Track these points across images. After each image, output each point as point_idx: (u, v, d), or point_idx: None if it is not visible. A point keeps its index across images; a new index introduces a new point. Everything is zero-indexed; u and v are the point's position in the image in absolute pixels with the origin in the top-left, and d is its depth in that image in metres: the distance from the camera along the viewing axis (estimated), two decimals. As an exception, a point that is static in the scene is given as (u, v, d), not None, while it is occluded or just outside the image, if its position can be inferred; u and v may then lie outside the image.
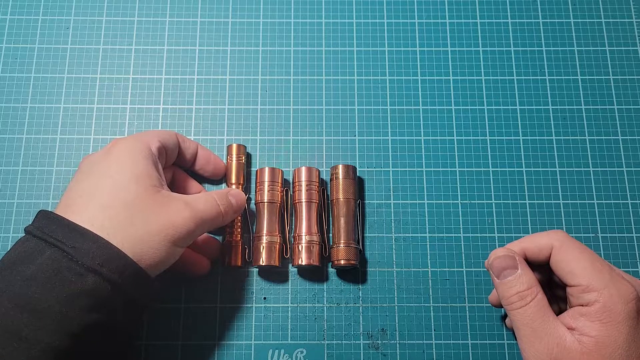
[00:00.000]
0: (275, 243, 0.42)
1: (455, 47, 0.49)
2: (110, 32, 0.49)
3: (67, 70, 0.48)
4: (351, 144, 0.46)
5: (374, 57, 0.49)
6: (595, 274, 0.32)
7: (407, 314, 0.42)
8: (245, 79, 0.48)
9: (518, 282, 0.33)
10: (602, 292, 0.31)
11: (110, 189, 0.33)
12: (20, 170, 0.45)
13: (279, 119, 0.47)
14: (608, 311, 0.31)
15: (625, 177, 0.46)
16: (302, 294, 0.43)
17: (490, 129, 0.47)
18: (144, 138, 0.37)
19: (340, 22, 0.50)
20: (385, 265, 0.43)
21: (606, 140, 0.47)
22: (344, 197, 0.43)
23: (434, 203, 0.45)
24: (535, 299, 0.33)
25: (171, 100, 0.47)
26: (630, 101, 0.48)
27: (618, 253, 0.44)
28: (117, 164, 0.35)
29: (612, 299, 0.31)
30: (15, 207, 0.44)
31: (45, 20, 0.49)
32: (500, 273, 0.34)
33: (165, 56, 0.48)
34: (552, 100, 0.48)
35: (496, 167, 0.46)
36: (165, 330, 0.41)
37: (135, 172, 0.34)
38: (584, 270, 0.32)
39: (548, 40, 0.50)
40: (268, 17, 0.50)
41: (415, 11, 0.50)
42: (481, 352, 0.41)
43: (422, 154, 0.46)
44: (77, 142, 0.46)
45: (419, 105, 0.47)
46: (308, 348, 0.41)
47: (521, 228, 0.44)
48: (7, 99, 0.47)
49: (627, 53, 0.49)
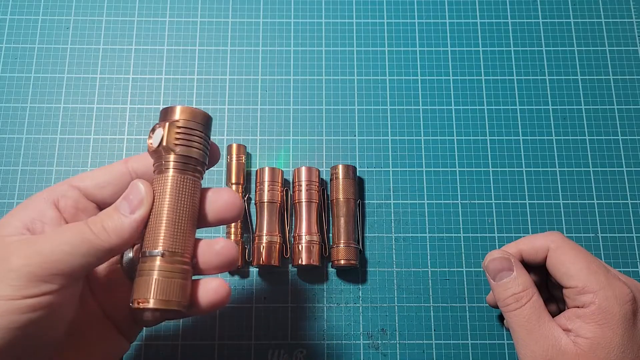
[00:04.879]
0: (275, 243, 0.42)
1: (455, 47, 0.49)
2: (110, 32, 0.49)
3: (67, 70, 0.48)
4: (351, 144, 0.46)
5: (374, 57, 0.49)
6: (591, 276, 0.32)
7: (407, 314, 0.42)
8: (245, 79, 0.48)
9: (513, 284, 0.33)
10: (598, 294, 0.31)
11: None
12: (20, 170, 0.45)
13: (279, 119, 0.47)
14: (603, 313, 0.31)
15: (625, 177, 0.46)
16: (302, 294, 0.43)
17: (490, 129, 0.47)
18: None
19: (340, 22, 0.50)
20: (385, 265, 0.43)
21: (606, 140, 0.47)
22: (344, 197, 0.43)
23: (434, 203, 0.45)
24: (530, 301, 0.33)
25: (171, 100, 0.47)
26: (630, 101, 0.48)
27: (618, 253, 0.44)
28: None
29: (608, 301, 0.31)
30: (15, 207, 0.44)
31: (45, 20, 0.49)
32: (496, 275, 0.34)
33: (165, 56, 0.48)
34: (552, 100, 0.48)
35: (496, 167, 0.46)
36: (165, 330, 0.41)
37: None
38: (580, 272, 0.32)
39: (548, 40, 0.50)
40: (268, 17, 0.50)
41: (415, 11, 0.50)
42: (481, 352, 0.41)
43: (422, 154, 0.46)
44: (77, 142, 0.46)
45: (419, 105, 0.47)
46: (308, 348, 0.41)
47: (521, 228, 0.44)
48: (7, 99, 0.47)
49: (627, 53, 0.49)
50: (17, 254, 0.25)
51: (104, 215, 0.27)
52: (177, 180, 0.28)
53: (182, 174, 0.28)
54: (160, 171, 0.28)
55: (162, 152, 0.28)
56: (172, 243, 0.27)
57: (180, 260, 0.27)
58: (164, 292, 0.26)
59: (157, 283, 0.26)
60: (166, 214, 0.27)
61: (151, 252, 0.27)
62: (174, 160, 0.28)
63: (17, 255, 0.25)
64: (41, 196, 0.28)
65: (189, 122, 0.28)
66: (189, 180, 0.28)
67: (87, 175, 0.30)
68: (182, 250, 0.27)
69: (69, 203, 0.29)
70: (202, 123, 0.29)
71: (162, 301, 0.26)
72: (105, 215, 0.27)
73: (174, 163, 0.28)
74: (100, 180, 0.30)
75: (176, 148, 0.28)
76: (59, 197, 0.28)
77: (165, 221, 0.27)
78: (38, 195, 0.29)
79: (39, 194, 0.29)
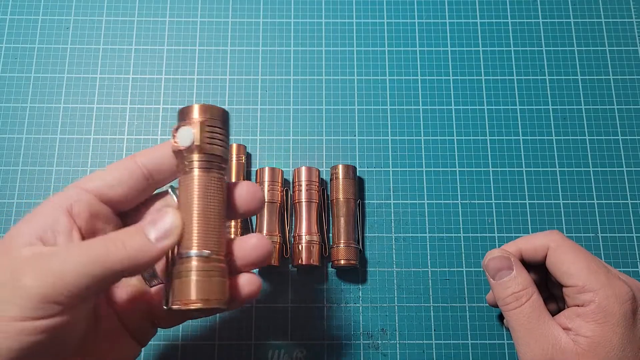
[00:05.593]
0: (275, 243, 0.42)
1: (455, 47, 0.49)
2: (110, 32, 0.49)
3: (67, 70, 0.48)
4: (351, 144, 0.46)
5: (374, 57, 0.49)
6: (591, 275, 0.32)
7: (407, 314, 0.42)
8: (245, 79, 0.48)
9: (513, 283, 0.33)
10: (598, 293, 0.31)
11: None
12: (20, 170, 0.45)
13: (279, 119, 0.47)
14: (603, 311, 0.31)
15: (625, 177, 0.46)
16: (302, 294, 0.43)
17: (490, 129, 0.47)
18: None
19: (340, 22, 0.50)
20: (385, 265, 0.43)
21: (606, 140, 0.47)
22: (344, 197, 0.43)
23: (434, 203, 0.45)
24: (530, 300, 0.33)
25: (171, 100, 0.47)
26: (630, 101, 0.48)
27: (618, 253, 0.44)
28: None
29: (608, 300, 0.31)
30: (15, 207, 0.44)
31: (45, 20, 0.49)
32: (495, 274, 0.34)
33: (165, 56, 0.48)
34: (552, 100, 0.48)
35: (496, 167, 0.46)
36: (165, 330, 0.41)
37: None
38: (580, 271, 0.32)
39: (548, 40, 0.50)
40: (268, 17, 0.50)
41: (415, 11, 0.50)
42: (481, 352, 0.41)
43: (422, 154, 0.46)
44: (77, 142, 0.46)
45: (419, 105, 0.47)
46: (308, 348, 0.41)
47: (521, 228, 0.44)
48: (7, 99, 0.47)
49: (627, 53, 0.49)
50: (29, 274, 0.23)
51: (126, 236, 0.26)
52: (206, 180, 0.28)
53: (209, 172, 0.28)
54: (187, 171, 0.28)
55: (190, 151, 0.28)
56: (207, 243, 0.27)
57: (216, 258, 0.27)
58: (206, 292, 0.27)
59: (197, 283, 0.26)
60: (199, 214, 0.27)
61: (188, 254, 0.27)
62: (204, 160, 0.28)
63: (29, 274, 0.23)
64: (53, 203, 0.27)
65: (215, 120, 0.28)
66: (216, 178, 0.28)
67: (95, 175, 0.28)
68: (217, 248, 0.28)
69: (82, 208, 0.27)
70: (225, 120, 0.29)
71: (204, 300, 0.26)
72: (127, 236, 0.26)
73: (203, 162, 0.28)
74: (110, 179, 0.28)
75: (207, 147, 0.28)
76: (72, 203, 0.27)
77: (198, 221, 0.27)
78: (49, 201, 0.27)
79: (50, 201, 0.27)
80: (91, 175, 0.29)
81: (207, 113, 0.28)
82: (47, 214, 0.26)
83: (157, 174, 0.29)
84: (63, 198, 0.27)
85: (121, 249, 0.25)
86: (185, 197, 0.28)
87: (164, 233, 0.26)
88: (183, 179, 0.28)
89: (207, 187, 0.28)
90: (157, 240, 0.26)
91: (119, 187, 0.28)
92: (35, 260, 0.24)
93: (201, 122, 0.28)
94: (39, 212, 0.27)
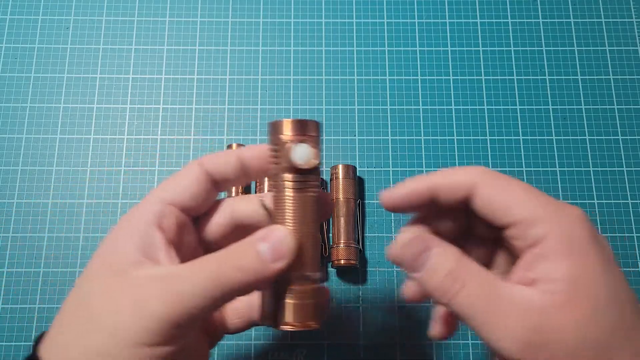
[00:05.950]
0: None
1: (455, 47, 0.49)
2: (110, 32, 0.49)
3: (67, 70, 0.48)
4: (351, 144, 0.46)
5: (374, 57, 0.49)
6: (534, 201, 0.25)
7: (407, 314, 0.42)
8: (245, 79, 0.48)
9: (443, 259, 0.25)
10: (551, 221, 0.24)
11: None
12: (20, 170, 0.45)
13: (279, 118, 0.47)
14: (567, 240, 0.24)
15: (625, 177, 0.46)
16: (302, 294, 0.43)
17: (490, 129, 0.47)
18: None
19: (340, 22, 0.50)
20: (385, 265, 0.43)
21: (606, 140, 0.47)
22: (344, 197, 0.43)
23: (434, 203, 0.45)
24: (471, 272, 0.24)
25: (171, 100, 0.47)
26: (630, 101, 0.48)
27: (618, 253, 0.44)
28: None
29: (566, 226, 0.24)
30: (15, 207, 0.44)
31: (45, 20, 0.49)
32: (417, 263, 0.26)
33: (165, 56, 0.48)
34: (552, 100, 0.48)
35: (496, 167, 0.46)
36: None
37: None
38: (522, 201, 0.25)
39: (548, 40, 0.50)
40: (268, 17, 0.50)
41: (415, 11, 0.50)
42: (481, 352, 0.41)
43: (422, 154, 0.46)
44: (77, 142, 0.46)
45: (419, 105, 0.47)
46: (308, 348, 0.41)
47: (521, 228, 0.44)
48: (7, 99, 0.47)
49: (627, 53, 0.49)
50: (156, 298, 0.23)
51: (240, 255, 0.25)
52: (312, 200, 0.27)
53: (309, 192, 0.27)
54: (294, 188, 0.27)
55: (296, 170, 0.26)
56: (314, 264, 0.27)
57: (313, 277, 0.27)
58: (319, 314, 0.27)
59: (316, 307, 0.26)
60: (310, 236, 0.27)
61: (302, 275, 0.26)
62: (315, 180, 0.27)
63: (156, 298, 0.23)
64: (143, 218, 0.26)
65: (319, 137, 0.28)
66: (315, 198, 0.27)
67: (168, 186, 0.28)
68: (317, 269, 0.27)
69: (171, 222, 0.27)
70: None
71: (319, 322, 0.27)
72: (242, 255, 0.25)
73: (314, 182, 0.27)
74: (180, 188, 0.28)
75: (318, 165, 0.27)
76: (161, 218, 0.26)
77: (311, 243, 0.27)
78: (137, 217, 0.26)
79: (137, 216, 0.26)
80: (163, 186, 0.28)
81: (317, 129, 0.28)
82: (142, 230, 0.26)
83: (222, 181, 0.28)
84: (151, 213, 0.26)
85: (237, 270, 0.24)
86: (295, 216, 0.26)
87: (280, 254, 0.25)
88: (287, 197, 0.27)
89: (313, 207, 0.27)
90: (272, 261, 0.25)
91: (186, 194, 0.28)
92: (158, 283, 0.24)
93: (315, 139, 0.27)
94: (133, 229, 0.26)
